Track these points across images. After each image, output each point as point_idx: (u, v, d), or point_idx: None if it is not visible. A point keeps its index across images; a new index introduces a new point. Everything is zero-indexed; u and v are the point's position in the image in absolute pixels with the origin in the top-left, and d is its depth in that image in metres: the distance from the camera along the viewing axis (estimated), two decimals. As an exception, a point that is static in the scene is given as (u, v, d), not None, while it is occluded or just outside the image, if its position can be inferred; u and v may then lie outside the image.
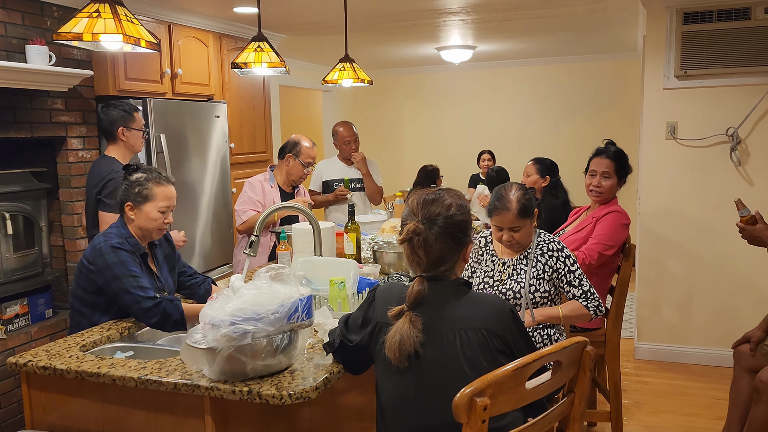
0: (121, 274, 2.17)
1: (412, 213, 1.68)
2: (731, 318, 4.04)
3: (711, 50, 3.87)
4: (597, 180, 3.01)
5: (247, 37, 4.67)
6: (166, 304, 2.17)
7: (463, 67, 7.26)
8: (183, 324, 2.20)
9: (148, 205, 2.27)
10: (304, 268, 2.47)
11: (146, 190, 2.28)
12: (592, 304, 2.38)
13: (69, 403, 1.86)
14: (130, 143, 3.07)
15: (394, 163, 7.98)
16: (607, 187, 3.00)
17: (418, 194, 1.73)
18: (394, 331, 1.60)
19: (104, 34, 1.87)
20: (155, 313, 2.15)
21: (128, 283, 2.16)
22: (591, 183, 3.04)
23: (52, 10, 3.28)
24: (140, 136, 3.11)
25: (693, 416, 3.39)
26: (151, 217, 2.28)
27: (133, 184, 2.29)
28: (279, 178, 3.59)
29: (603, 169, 3.00)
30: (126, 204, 2.29)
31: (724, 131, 3.94)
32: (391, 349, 1.59)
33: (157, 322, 2.17)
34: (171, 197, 2.33)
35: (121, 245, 2.22)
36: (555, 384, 1.53)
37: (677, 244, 4.12)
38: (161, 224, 2.31)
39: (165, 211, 2.31)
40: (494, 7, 4.27)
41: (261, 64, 2.73)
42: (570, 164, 5.19)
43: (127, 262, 2.20)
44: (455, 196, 1.72)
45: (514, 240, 2.37)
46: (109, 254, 2.19)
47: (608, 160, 3.00)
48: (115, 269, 2.17)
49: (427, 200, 1.69)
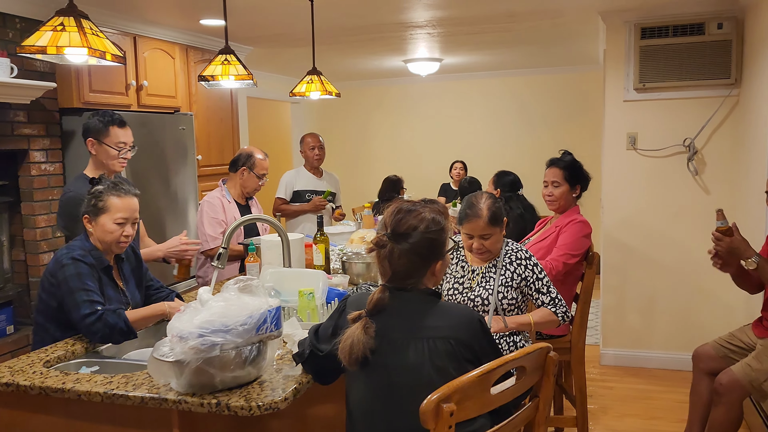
0: (75, 288, 2.13)
1: (383, 223, 1.69)
2: (691, 323, 4.15)
3: (668, 64, 4.01)
4: (549, 189, 3.11)
5: (214, 49, 4.66)
6: (108, 315, 2.12)
7: (430, 79, 7.35)
8: (131, 332, 2.16)
9: (104, 217, 2.24)
10: (273, 280, 2.47)
11: (101, 202, 2.25)
12: (560, 310, 2.45)
13: (33, 419, 1.83)
14: (100, 159, 2.81)
15: (362, 174, 8.02)
16: (558, 195, 3.08)
17: (395, 204, 1.72)
18: (347, 335, 1.62)
19: (69, 47, 1.87)
20: (98, 326, 2.10)
21: (79, 297, 2.12)
22: (544, 193, 3.15)
23: (14, 21, 3.23)
24: (112, 154, 2.79)
25: (656, 420, 3.47)
26: (107, 229, 2.24)
27: (91, 196, 2.27)
28: (233, 192, 3.56)
29: (552, 178, 3.10)
30: (84, 216, 2.27)
31: (682, 142, 4.08)
32: (343, 352, 1.61)
33: (102, 335, 2.12)
34: (128, 209, 2.27)
35: (82, 257, 2.20)
36: (519, 389, 1.56)
37: (639, 252, 4.23)
38: (119, 236, 2.26)
39: (123, 223, 2.26)
40: (460, 21, 4.36)
41: (228, 77, 2.74)
42: (535, 175, 5.28)
43: (83, 274, 2.16)
44: (434, 210, 1.68)
45: (485, 248, 2.41)
46: (69, 266, 2.17)
47: (557, 169, 3.10)
48: (70, 282, 2.14)
49: (401, 212, 1.67)
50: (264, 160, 3.58)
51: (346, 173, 8.13)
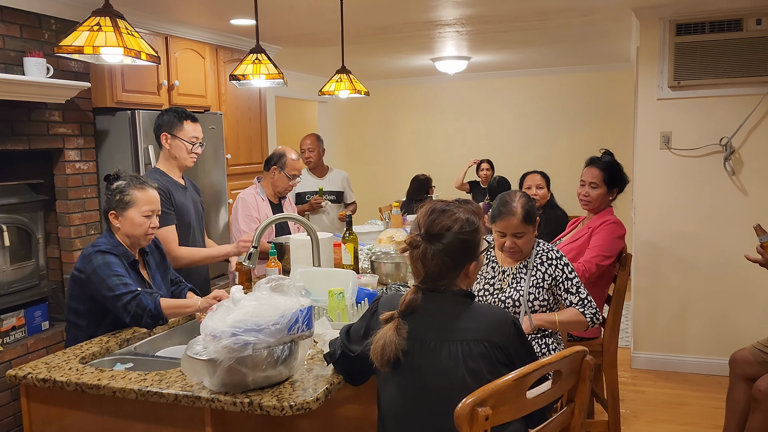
0: (105, 276, 2.19)
1: (417, 223, 1.68)
2: (727, 326, 4.05)
3: (704, 61, 3.92)
4: (585, 189, 3.04)
5: (243, 48, 4.70)
6: (143, 296, 2.20)
7: (458, 78, 7.31)
8: (160, 316, 2.23)
9: (131, 210, 2.29)
10: (303, 279, 2.47)
11: (127, 197, 2.30)
12: (589, 311, 2.40)
13: (68, 415, 1.86)
14: (173, 153, 2.87)
15: (389, 173, 8.01)
16: (594, 197, 3.02)
17: (429, 204, 1.69)
18: (379, 336, 1.61)
19: (105, 47, 1.89)
20: (132, 305, 2.18)
21: (111, 282, 2.19)
22: (580, 192, 3.07)
23: (50, 22, 3.29)
24: (185, 148, 2.86)
25: (690, 425, 3.40)
26: (135, 222, 2.30)
27: (114, 191, 2.31)
28: (266, 190, 3.60)
29: (591, 179, 3.03)
30: (110, 213, 2.31)
31: (718, 141, 3.98)
32: (375, 352, 1.60)
33: (135, 315, 2.19)
34: (153, 201, 2.35)
35: (109, 250, 2.25)
36: (555, 394, 1.53)
37: (672, 253, 4.15)
38: (147, 229, 2.32)
39: (149, 215, 2.32)
40: (489, 19, 4.31)
41: (259, 75, 2.75)
42: (564, 174, 5.23)
43: (112, 263, 2.22)
44: (468, 211, 1.66)
45: (516, 246, 2.38)
46: (96, 257, 2.22)
47: (597, 170, 3.03)
48: (100, 271, 2.20)
49: (435, 212, 1.65)
50: (296, 161, 3.60)
51: (373, 172, 8.14)
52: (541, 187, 3.94)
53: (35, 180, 3.38)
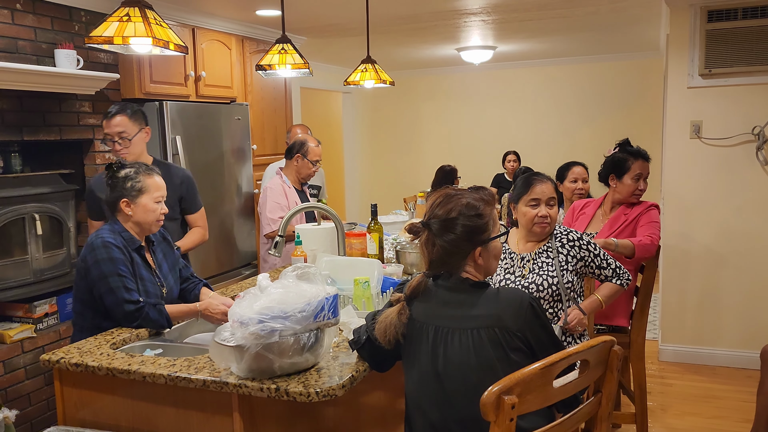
0: (108, 272, 2.16)
1: (426, 210, 1.71)
2: (758, 319, 3.97)
3: (736, 48, 3.83)
4: (641, 184, 3.01)
5: (268, 40, 4.71)
6: (150, 310, 2.18)
7: (484, 68, 7.25)
8: (170, 326, 2.26)
9: (144, 197, 2.28)
10: (329, 268, 2.49)
11: (138, 183, 2.28)
12: (624, 278, 2.46)
13: (100, 399, 1.90)
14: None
15: (414, 163, 7.99)
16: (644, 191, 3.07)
17: (439, 191, 1.71)
18: (384, 315, 1.69)
19: (134, 37, 1.91)
20: (137, 317, 2.17)
21: (113, 282, 2.16)
22: (637, 187, 3.01)
23: (80, 15, 3.34)
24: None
25: (719, 419, 3.35)
26: (149, 208, 2.29)
27: (125, 179, 2.28)
28: (290, 178, 3.69)
29: (647, 172, 3.03)
30: (122, 200, 2.27)
31: (750, 130, 3.89)
32: (378, 331, 1.68)
33: (139, 326, 2.19)
34: (162, 187, 2.36)
35: (114, 241, 2.22)
36: (582, 383, 1.52)
37: (702, 244, 4.07)
38: (159, 215, 2.32)
39: (160, 201, 2.33)
40: (515, 7, 4.26)
41: (285, 65, 2.75)
42: (591, 165, 5.15)
43: (116, 260, 2.18)
44: (472, 197, 1.66)
45: (549, 217, 2.36)
46: (100, 249, 2.19)
47: (648, 163, 3.05)
48: (102, 266, 2.17)
49: (442, 197, 1.67)
50: (317, 147, 3.70)
51: (398, 162, 8.13)
52: (586, 180, 3.87)
53: (66, 170, 3.44)
